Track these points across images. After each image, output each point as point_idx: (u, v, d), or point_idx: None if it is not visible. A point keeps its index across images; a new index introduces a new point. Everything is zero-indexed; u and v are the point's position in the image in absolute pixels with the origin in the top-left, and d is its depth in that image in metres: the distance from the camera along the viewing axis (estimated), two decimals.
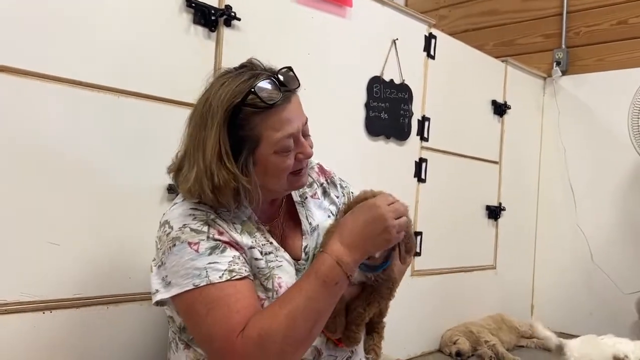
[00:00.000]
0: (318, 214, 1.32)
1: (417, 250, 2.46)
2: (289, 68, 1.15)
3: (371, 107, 2.24)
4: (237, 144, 1.09)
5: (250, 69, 1.14)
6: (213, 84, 1.13)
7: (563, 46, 3.24)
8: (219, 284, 1.04)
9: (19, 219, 1.31)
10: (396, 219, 1.10)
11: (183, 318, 1.12)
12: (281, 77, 1.12)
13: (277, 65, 1.18)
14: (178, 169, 1.17)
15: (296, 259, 1.23)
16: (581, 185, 3.12)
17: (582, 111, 3.15)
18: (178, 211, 1.12)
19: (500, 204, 3.00)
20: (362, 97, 2.22)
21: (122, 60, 1.48)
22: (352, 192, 1.41)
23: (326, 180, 1.40)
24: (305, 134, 1.19)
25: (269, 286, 1.12)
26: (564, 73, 3.24)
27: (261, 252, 1.14)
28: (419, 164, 2.47)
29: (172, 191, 1.54)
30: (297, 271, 1.20)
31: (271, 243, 1.18)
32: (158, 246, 1.13)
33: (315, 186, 1.37)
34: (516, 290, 3.19)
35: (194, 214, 1.10)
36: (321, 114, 1.26)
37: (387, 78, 2.31)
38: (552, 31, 3.31)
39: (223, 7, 1.67)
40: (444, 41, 2.59)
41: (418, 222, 2.47)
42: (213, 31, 1.65)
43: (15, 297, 1.30)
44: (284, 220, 1.29)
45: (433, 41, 2.51)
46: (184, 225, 1.09)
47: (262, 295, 1.12)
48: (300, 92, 1.19)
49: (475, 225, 2.87)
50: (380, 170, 2.28)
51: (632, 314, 2.70)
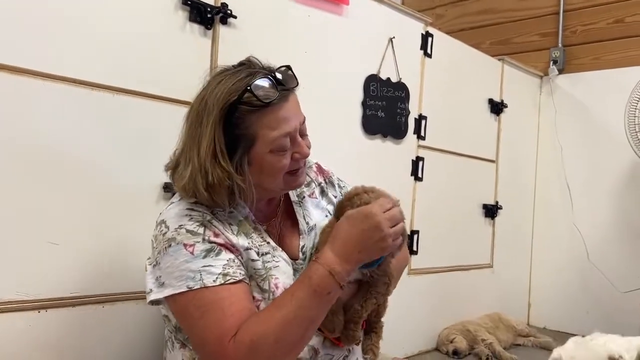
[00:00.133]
0: (315, 214, 1.31)
1: (414, 249, 2.46)
2: (288, 67, 1.14)
3: (368, 106, 2.24)
4: (233, 143, 1.08)
5: (248, 67, 1.13)
6: (210, 82, 1.13)
7: (559, 45, 3.25)
8: (213, 288, 1.03)
9: (16, 218, 1.30)
10: (392, 227, 1.08)
11: (177, 319, 1.12)
12: (279, 76, 1.11)
13: (275, 63, 1.17)
14: (175, 167, 1.16)
15: (294, 259, 1.22)
16: (578, 183, 3.13)
17: (579, 110, 3.16)
18: (174, 211, 1.12)
19: (497, 203, 3.00)
20: (359, 96, 2.22)
21: (118, 58, 1.47)
22: None
23: (324, 179, 1.40)
24: (302, 134, 1.17)
25: (265, 287, 1.12)
26: (561, 72, 3.24)
27: (258, 253, 1.13)
28: (416, 163, 2.47)
29: (168, 190, 1.53)
30: (295, 271, 1.19)
31: (268, 243, 1.18)
32: (154, 245, 1.13)
33: (313, 185, 1.36)
34: (513, 288, 3.19)
35: (191, 215, 1.10)
36: (318, 113, 1.26)
37: (384, 76, 2.30)
38: (549, 30, 3.32)
39: (219, 5, 1.66)
40: (441, 40, 2.59)
41: (415, 221, 2.47)
42: (209, 29, 1.65)
43: (10, 296, 1.29)
44: (282, 219, 1.28)
45: (430, 39, 2.51)
46: (180, 225, 1.08)
47: (259, 296, 1.12)
48: (297, 91, 1.18)
49: (472, 223, 2.87)
50: (377, 168, 2.27)
51: (629, 313, 2.71)
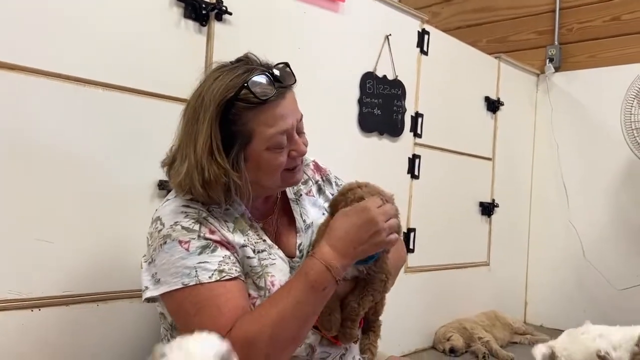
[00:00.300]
0: (313, 212, 1.31)
1: (411, 247, 2.46)
2: (286, 64, 1.14)
3: (364, 103, 2.23)
4: (229, 139, 1.08)
5: (245, 63, 1.12)
6: (207, 78, 1.12)
7: (556, 43, 3.25)
8: (209, 284, 1.03)
9: (7, 216, 1.29)
10: (386, 222, 1.09)
11: (172, 316, 1.11)
12: (277, 73, 1.10)
13: (271, 60, 1.17)
14: (171, 163, 1.16)
15: (290, 257, 1.22)
16: (574, 181, 3.13)
17: (575, 108, 3.16)
18: (170, 207, 1.11)
19: (493, 201, 3.00)
20: (355, 93, 2.21)
21: (112, 54, 1.46)
22: None
23: (321, 177, 1.39)
24: (299, 131, 1.17)
25: (262, 284, 1.12)
26: (557, 69, 3.24)
27: (254, 251, 1.13)
28: (412, 161, 2.46)
29: (163, 188, 1.52)
30: (292, 269, 1.19)
31: (264, 241, 1.17)
32: (149, 242, 1.12)
33: (310, 183, 1.36)
34: (509, 286, 3.20)
35: (186, 212, 1.09)
36: (314, 110, 1.26)
37: (380, 74, 2.29)
38: (545, 28, 3.32)
39: (214, 1, 1.65)
40: (437, 37, 2.59)
41: (411, 219, 2.47)
42: (204, 25, 1.64)
43: (3, 295, 1.28)
44: (279, 217, 1.27)
45: (426, 37, 2.50)
46: (176, 222, 1.07)
47: (254, 293, 1.11)
48: (293, 88, 1.17)
49: (468, 221, 2.87)
50: (373, 166, 2.27)
51: (625, 310, 2.71)
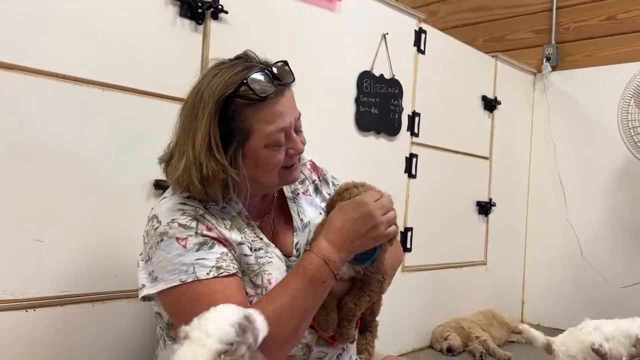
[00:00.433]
0: (310, 211, 1.31)
1: (408, 246, 2.46)
2: (285, 62, 1.14)
3: (361, 102, 2.23)
4: (228, 136, 1.08)
5: (244, 61, 1.13)
6: (206, 75, 1.12)
7: (553, 42, 3.25)
8: (206, 281, 1.03)
9: (2, 216, 1.28)
10: (384, 215, 1.09)
11: (169, 314, 1.11)
12: (276, 70, 1.11)
13: (270, 58, 1.17)
14: (168, 160, 1.16)
15: (288, 255, 1.22)
16: (571, 180, 3.13)
17: (572, 107, 3.16)
18: (167, 205, 1.11)
19: (490, 200, 3.00)
20: (352, 92, 2.21)
21: (108, 54, 1.45)
22: None
23: (318, 177, 1.40)
24: (297, 130, 1.18)
25: (258, 282, 1.12)
26: (554, 69, 3.24)
27: (250, 248, 1.13)
28: (410, 160, 2.46)
29: (159, 187, 1.52)
30: (289, 268, 1.19)
31: (261, 239, 1.17)
32: (145, 240, 1.12)
33: (307, 183, 1.36)
34: (507, 285, 3.20)
35: (183, 209, 1.09)
36: (311, 109, 1.26)
37: (377, 73, 2.29)
38: (542, 27, 3.32)
39: (210, 0, 1.64)
40: (434, 36, 2.58)
41: (408, 218, 2.46)
42: (200, 24, 1.63)
43: None
44: (275, 216, 1.27)
45: (423, 36, 2.50)
46: (172, 220, 1.07)
47: (251, 291, 1.11)
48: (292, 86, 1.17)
49: (465, 221, 2.87)
50: (370, 165, 2.26)
51: (622, 309, 2.71)
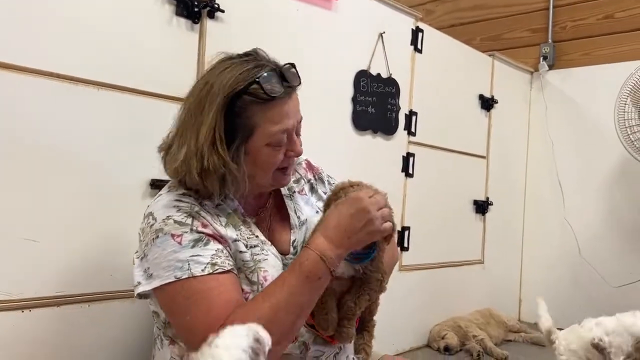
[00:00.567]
0: (306, 209, 1.32)
1: (405, 245, 2.46)
2: (292, 64, 1.15)
3: (358, 101, 2.22)
4: (231, 131, 1.09)
5: (255, 59, 1.14)
6: (215, 67, 1.13)
7: (550, 41, 3.25)
8: (201, 277, 1.03)
9: None
10: (378, 210, 1.10)
11: (164, 310, 1.11)
12: (285, 72, 1.13)
13: (278, 59, 1.18)
14: (167, 148, 1.15)
15: (284, 253, 1.22)
16: (569, 179, 3.13)
17: (569, 105, 3.16)
18: (162, 202, 1.11)
19: (487, 199, 3.00)
20: (349, 91, 2.20)
21: (102, 52, 1.45)
22: None
23: (314, 176, 1.40)
24: (297, 132, 1.19)
25: (254, 279, 1.12)
26: (551, 67, 3.24)
27: (246, 245, 1.14)
28: (407, 159, 2.46)
29: (155, 187, 1.51)
30: (285, 265, 1.19)
31: (257, 236, 1.18)
32: (141, 238, 1.12)
33: (302, 182, 1.36)
34: (504, 284, 3.20)
35: (179, 206, 1.10)
36: (308, 108, 1.25)
37: (374, 72, 2.29)
38: (539, 25, 3.32)
39: None
40: (431, 35, 2.58)
41: (406, 217, 2.46)
42: (196, 23, 1.62)
43: None
44: (272, 214, 1.28)
45: (420, 35, 2.50)
46: (168, 217, 1.08)
47: (247, 288, 1.12)
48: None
49: (462, 220, 2.87)
50: (367, 164, 2.26)
51: (620, 307, 2.71)
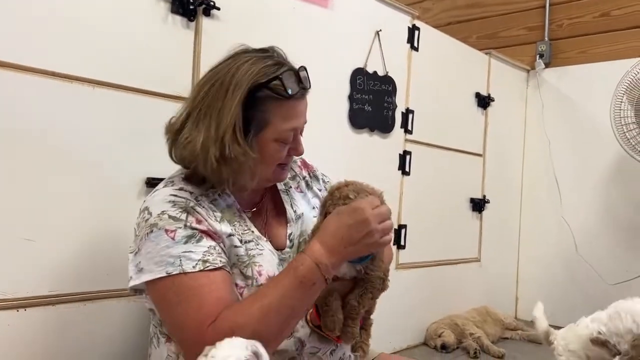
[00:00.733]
0: (302, 203, 1.33)
1: (402, 243, 2.46)
2: (304, 68, 1.18)
3: (355, 100, 2.22)
4: (246, 122, 1.11)
5: (273, 56, 1.16)
6: (235, 57, 1.14)
7: (546, 39, 3.25)
8: (192, 274, 1.04)
9: None
10: (380, 223, 1.08)
11: (156, 306, 1.11)
12: (300, 74, 1.16)
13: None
14: (177, 130, 1.14)
15: (281, 248, 1.23)
16: (565, 177, 3.14)
17: (566, 103, 3.17)
18: (159, 197, 1.12)
19: (484, 197, 3.00)
20: (346, 89, 2.20)
21: (98, 50, 1.44)
22: None
23: (309, 173, 1.41)
24: (301, 133, 1.22)
25: (249, 273, 1.13)
26: (547, 65, 3.25)
27: (241, 240, 1.14)
28: (403, 157, 2.46)
29: (151, 185, 1.50)
30: (282, 261, 1.20)
31: (253, 232, 1.18)
32: (136, 233, 1.13)
33: (298, 179, 1.37)
34: (501, 282, 3.20)
35: (174, 201, 1.10)
36: None
37: (371, 70, 2.28)
38: (535, 24, 3.32)
39: None
40: (428, 33, 2.58)
41: (402, 215, 2.46)
42: (192, 21, 1.62)
43: None
44: (268, 209, 1.29)
45: (417, 33, 2.49)
46: (163, 211, 1.08)
47: (242, 283, 1.12)
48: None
49: (459, 218, 2.87)
50: (364, 162, 2.26)
51: None
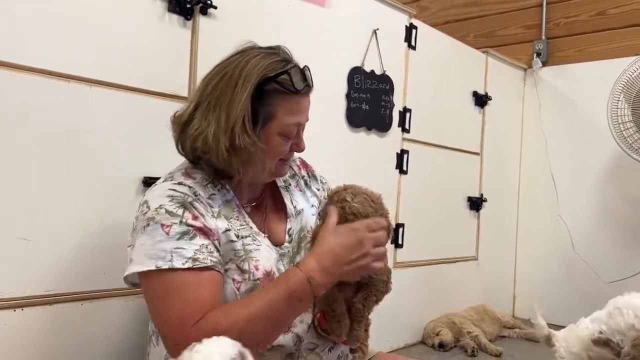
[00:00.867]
0: (302, 200, 1.35)
1: (400, 242, 2.46)
2: (308, 68, 1.20)
3: (352, 98, 2.22)
4: (254, 114, 1.13)
5: (279, 53, 1.19)
6: (246, 52, 1.17)
7: (543, 37, 3.26)
8: (181, 271, 1.05)
9: None
10: (375, 247, 1.10)
11: (144, 297, 1.13)
12: (305, 72, 1.19)
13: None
14: (186, 122, 1.16)
15: (279, 243, 1.24)
16: (562, 175, 3.14)
17: (563, 102, 3.17)
18: (158, 191, 1.13)
19: (481, 195, 3.00)
20: (343, 88, 2.20)
21: (94, 49, 1.44)
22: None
23: (307, 173, 1.43)
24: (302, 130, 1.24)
25: (245, 268, 1.14)
26: (544, 64, 3.25)
27: (237, 236, 1.15)
28: (401, 156, 2.46)
29: (148, 184, 1.50)
30: (282, 256, 1.22)
31: (251, 227, 1.20)
32: (134, 226, 1.13)
33: (297, 178, 1.39)
34: (498, 280, 3.21)
35: (172, 195, 1.11)
36: None
37: (368, 69, 2.28)
38: (532, 22, 3.32)
39: None
40: (425, 32, 2.58)
41: (400, 214, 2.46)
42: (189, 19, 1.61)
43: None
44: (267, 205, 1.30)
45: (414, 31, 2.49)
46: (160, 205, 1.09)
47: (239, 277, 1.13)
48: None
49: (457, 216, 2.87)
50: (361, 161, 2.26)
51: None
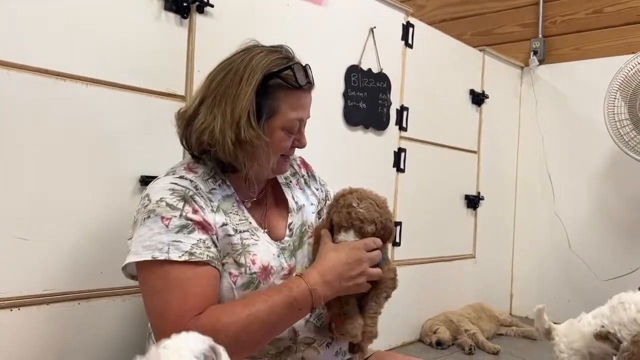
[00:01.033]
0: (302, 197, 1.36)
1: (397, 240, 2.46)
2: (309, 66, 1.22)
3: (349, 97, 2.22)
4: (258, 108, 1.15)
5: (283, 52, 1.21)
6: (250, 49, 1.19)
7: (540, 35, 3.26)
8: (178, 264, 1.06)
9: None
10: (370, 266, 1.16)
11: (141, 290, 1.13)
12: (307, 70, 1.21)
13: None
14: (192, 116, 1.18)
15: (280, 238, 1.25)
16: (559, 173, 3.15)
17: (560, 100, 3.18)
18: (159, 185, 1.14)
19: (479, 194, 3.01)
20: (340, 87, 2.20)
21: (91, 47, 1.43)
22: (329, 191, 1.44)
23: (307, 173, 1.44)
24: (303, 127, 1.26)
25: (242, 261, 1.15)
26: (541, 62, 3.26)
27: (235, 230, 1.16)
28: (398, 154, 2.46)
29: (145, 183, 1.50)
30: (283, 250, 1.23)
31: (250, 223, 1.20)
32: (135, 219, 1.14)
33: (297, 176, 1.40)
34: (495, 278, 3.21)
35: (173, 189, 1.12)
36: None
37: (365, 67, 2.28)
38: (529, 20, 3.33)
39: None
40: (422, 30, 2.58)
41: (397, 213, 2.47)
42: (185, 18, 1.61)
43: None
44: (268, 201, 1.31)
45: (411, 30, 2.49)
46: (161, 198, 1.11)
47: (235, 271, 1.14)
48: None
49: (454, 214, 2.88)
50: (359, 160, 2.26)
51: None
